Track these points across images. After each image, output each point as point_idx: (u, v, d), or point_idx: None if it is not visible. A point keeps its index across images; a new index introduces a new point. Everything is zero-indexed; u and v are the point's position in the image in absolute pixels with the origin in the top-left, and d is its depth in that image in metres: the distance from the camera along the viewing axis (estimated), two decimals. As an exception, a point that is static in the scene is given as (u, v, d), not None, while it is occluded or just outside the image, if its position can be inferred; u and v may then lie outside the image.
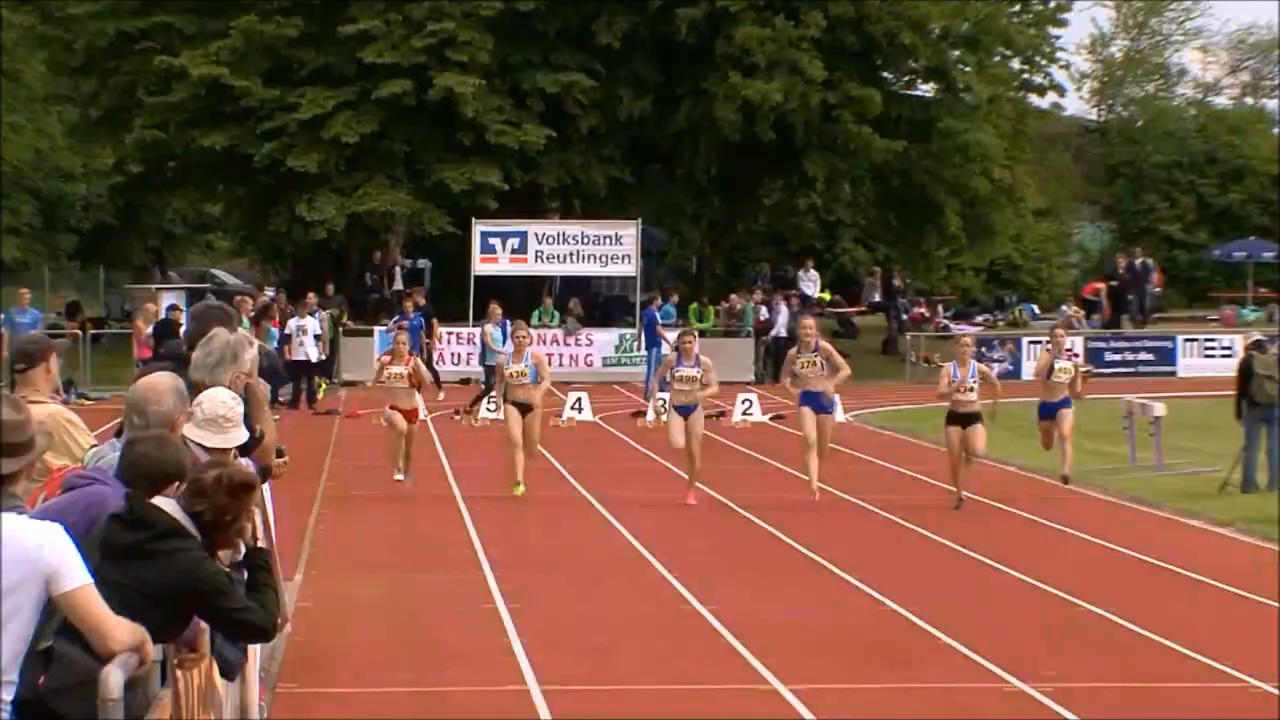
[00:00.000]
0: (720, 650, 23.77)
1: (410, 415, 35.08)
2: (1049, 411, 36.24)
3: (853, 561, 29.52)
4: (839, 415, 35.43)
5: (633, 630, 25.29)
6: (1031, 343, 76.42)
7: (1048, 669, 22.07)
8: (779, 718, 20.28)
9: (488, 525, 33.24)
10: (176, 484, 11.92)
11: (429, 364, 58.84)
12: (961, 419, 33.56)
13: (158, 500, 11.77)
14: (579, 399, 57.22)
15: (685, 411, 33.37)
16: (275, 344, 62.35)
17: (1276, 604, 25.62)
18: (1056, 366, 36.03)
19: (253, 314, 62.35)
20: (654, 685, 21.92)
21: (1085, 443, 33.70)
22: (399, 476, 34.99)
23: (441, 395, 53.45)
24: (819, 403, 33.11)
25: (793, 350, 34.28)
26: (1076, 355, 38.82)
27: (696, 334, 37.96)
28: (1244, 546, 32.13)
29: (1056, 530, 33.59)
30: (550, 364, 61.04)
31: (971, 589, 28.07)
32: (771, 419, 56.41)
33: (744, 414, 57.32)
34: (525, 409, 33.62)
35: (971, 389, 33.30)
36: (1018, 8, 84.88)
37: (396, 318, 66.51)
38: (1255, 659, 22.73)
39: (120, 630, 10.75)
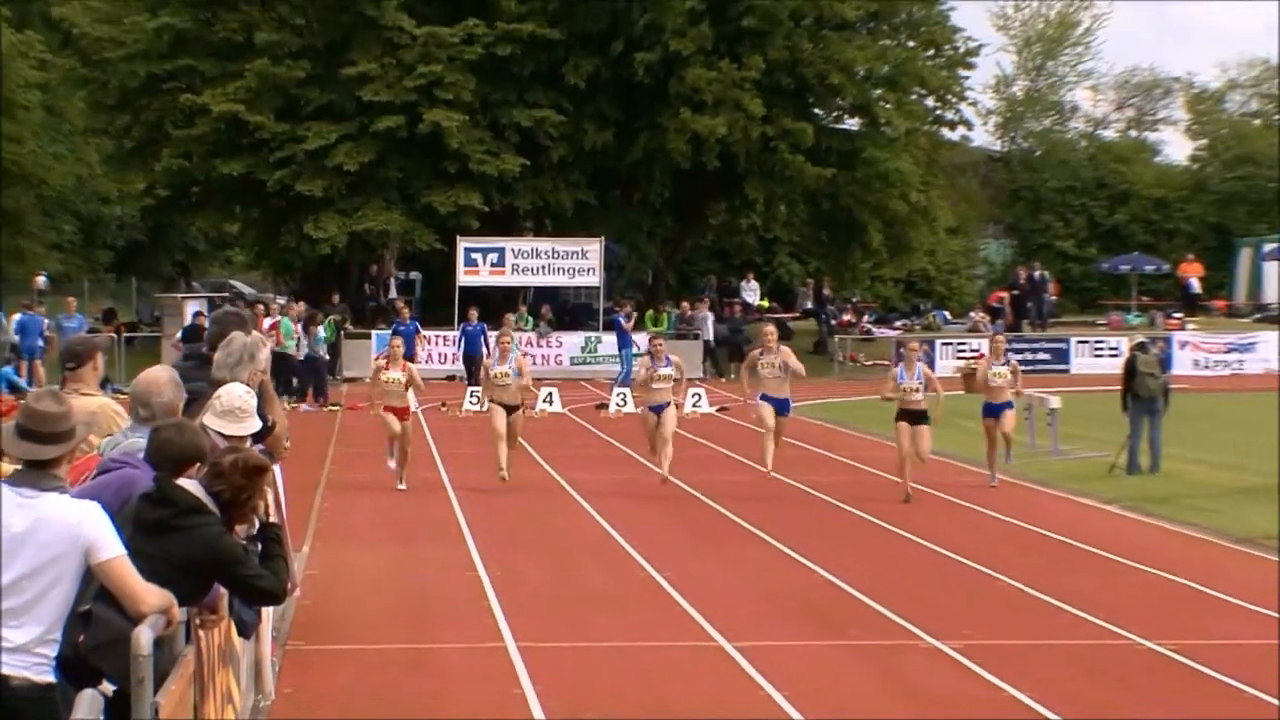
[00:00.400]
0: (674, 612, 23.73)
1: (403, 413, 34.41)
2: (993, 411, 35.83)
3: (790, 536, 29.49)
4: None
5: (598, 595, 25.28)
6: (944, 344, 76.61)
7: (959, 629, 22.05)
8: (724, 670, 20.24)
9: (471, 505, 33.23)
10: (198, 466, 12.05)
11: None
12: (910, 417, 32.89)
13: (182, 481, 11.87)
14: (549, 393, 57.41)
15: (659, 409, 32.85)
16: (321, 343, 63.10)
17: (1163, 573, 25.62)
18: (993, 371, 35.66)
19: (300, 321, 63.34)
20: (616, 642, 21.91)
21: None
22: (401, 486, 34.30)
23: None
24: (777, 403, 32.70)
25: (755, 351, 33.68)
26: (1012, 359, 38.10)
27: (663, 343, 36.99)
28: (1129, 522, 32.15)
29: (969, 509, 33.63)
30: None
31: (893, 560, 28.09)
32: (718, 410, 56.47)
33: (694, 406, 57.39)
34: (510, 408, 33.09)
35: (918, 390, 32.56)
36: (932, 52, 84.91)
37: (395, 324, 66.79)
38: (1140, 619, 22.77)
39: (150, 595, 10.84)
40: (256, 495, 12.49)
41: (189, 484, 11.92)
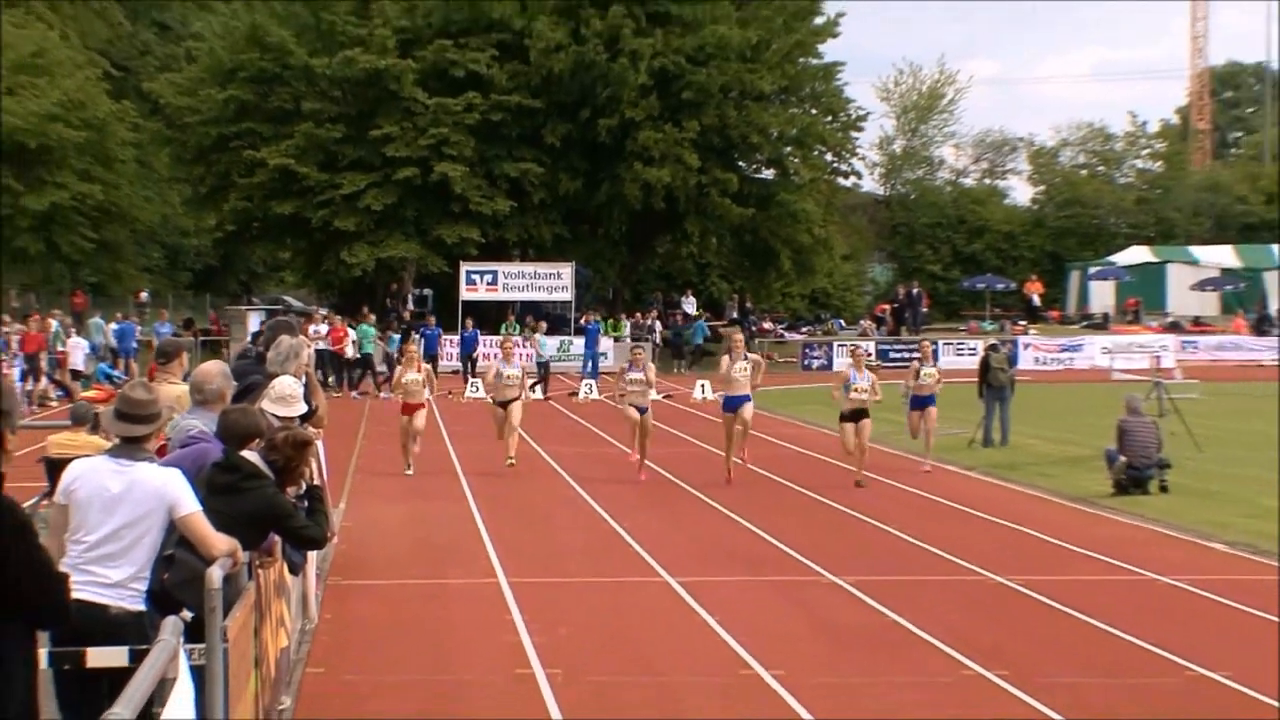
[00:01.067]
0: (629, 555, 23.71)
1: (417, 408, 33.08)
2: (919, 404, 34.88)
3: (725, 498, 29.48)
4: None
5: (570, 542, 25.29)
6: (839, 345, 76.44)
7: (853, 570, 22.01)
8: (669, 599, 20.23)
9: (471, 473, 33.18)
10: (257, 441, 12.39)
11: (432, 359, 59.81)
12: (853, 415, 31.67)
13: (244, 453, 12.21)
14: (534, 384, 57.82)
15: (641, 410, 31.56)
16: (395, 347, 63.03)
17: (1012, 524, 25.60)
18: (923, 372, 34.79)
19: (376, 325, 64.00)
20: (584, 578, 21.90)
21: (877, 413, 33.46)
22: (408, 472, 32.88)
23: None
24: (745, 398, 31.30)
25: (726, 357, 32.18)
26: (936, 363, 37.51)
27: (643, 350, 35.39)
28: (985, 484, 32.16)
29: (865, 476, 33.53)
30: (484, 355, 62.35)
31: (805, 517, 27.98)
32: (664, 398, 56.30)
33: (529, 394, 57.85)
34: (508, 403, 32.24)
35: (866, 390, 31.33)
36: (830, 118, 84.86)
37: (421, 329, 66.87)
38: (994, 560, 22.76)
39: (220, 542, 11.00)
40: (303, 464, 12.90)
41: (250, 455, 12.29)
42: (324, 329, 61.70)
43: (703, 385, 57.03)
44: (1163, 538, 25.32)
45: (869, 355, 36.01)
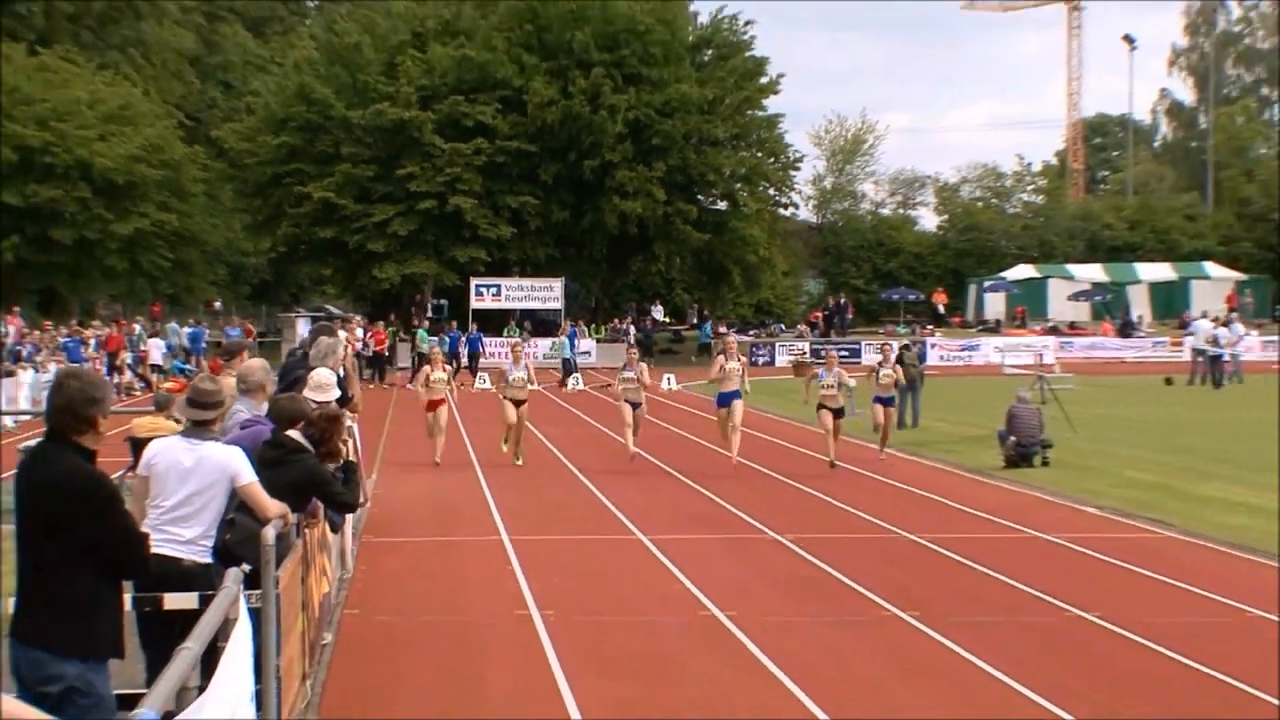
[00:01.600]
0: (611, 519, 23.70)
1: (440, 403, 30.92)
2: (882, 401, 32.95)
3: (694, 472, 29.44)
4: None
5: (562, 507, 25.21)
6: (780, 345, 76.51)
7: (791, 528, 22.03)
8: (641, 553, 20.22)
9: (480, 450, 33.08)
10: (302, 423, 12.75)
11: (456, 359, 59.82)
12: (828, 409, 30.07)
13: (291, 432, 12.54)
14: (564, 378, 59.21)
15: (634, 404, 30.14)
16: (450, 345, 63.20)
17: (921, 491, 25.56)
18: (881, 372, 33.09)
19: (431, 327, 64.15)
20: (573, 536, 21.87)
21: (858, 404, 33.43)
22: (437, 459, 30.63)
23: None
24: (736, 395, 29.61)
25: (720, 358, 30.50)
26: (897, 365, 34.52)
27: (636, 351, 33.92)
28: (899, 460, 32.06)
29: (803, 453, 33.51)
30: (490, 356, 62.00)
31: (756, 487, 27.93)
32: (585, 388, 56.40)
33: (570, 386, 57.73)
34: (520, 403, 30.41)
35: (833, 386, 29.89)
36: (773, 159, 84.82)
37: (446, 332, 66.77)
38: (906, 521, 22.77)
39: (273, 507, 11.02)
40: (336, 435, 13.11)
41: (295, 434, 12.59)
42: (360, 332, 61.76)
43: (669, 378, 56.82)
44: (1045, 503, 25.33)
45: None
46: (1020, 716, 12.41)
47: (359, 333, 60.83)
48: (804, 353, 71.93)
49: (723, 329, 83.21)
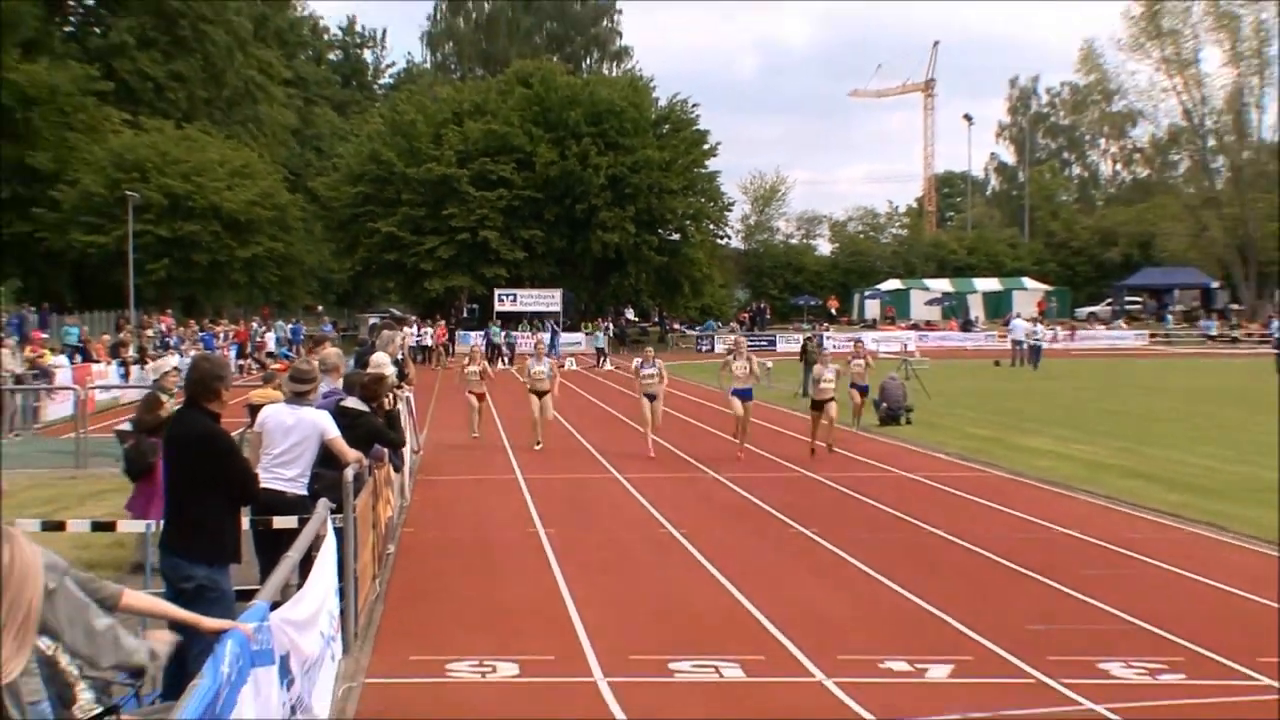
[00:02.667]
0: (595, 461, 23.63)
1: (480, 396, 27.58)
2: (857, 388, 29.55)
3: (659, 430, 29.36)
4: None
5: (560, 454, 25.09)
6: (718, 337, 76.18)
7: (730, 471, 21.98)
8: (617, 486, 20.19)
9: (505, 418, 32.94)
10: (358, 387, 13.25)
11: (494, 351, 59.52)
12: (818, 405, 24.60)
13: (350, 400, 12.91)
14: (600, 360, 59.18)
15: (651, 398, 25.07)
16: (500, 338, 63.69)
17: (817, 441, 25.52)
18: (853, 363, 29.57)
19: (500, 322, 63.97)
20: (568, 475, 21.79)
21: (774, 381, 33.14)
22: (475, 434, 27.11)
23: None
24: (748, 393, 24.35)
25: (729, 356, 25.68)
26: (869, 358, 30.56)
27: (651, 349, 28.54)
28: (801, 420, 31.98)
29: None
30: (519, 348, 61.18)
31: (700, 440, 27.76)
32: (613, 368, 56.00)
33: (602, 365, 57.03)
34: (541, 394, 26.20)
35: (830, 381, 24.72)
36: (712, 203, 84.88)
37: (485, 330, 66.53)
38: (810, 466, 22.74)
39: (350, 453, 11.11)
40: (381, 392, 13.53)
41: (355, 402, 12.89)
42: (414, 329, 61.59)
43: (637, 361, 56.27)
44: (908, 451, 25.33)
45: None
46: (887, 601, 12.46)
47: (413, 329, 60.80)
48: (738, 339, 71.58)
49: (676, 326, 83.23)
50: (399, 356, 18.22)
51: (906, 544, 15.45)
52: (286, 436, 10.80)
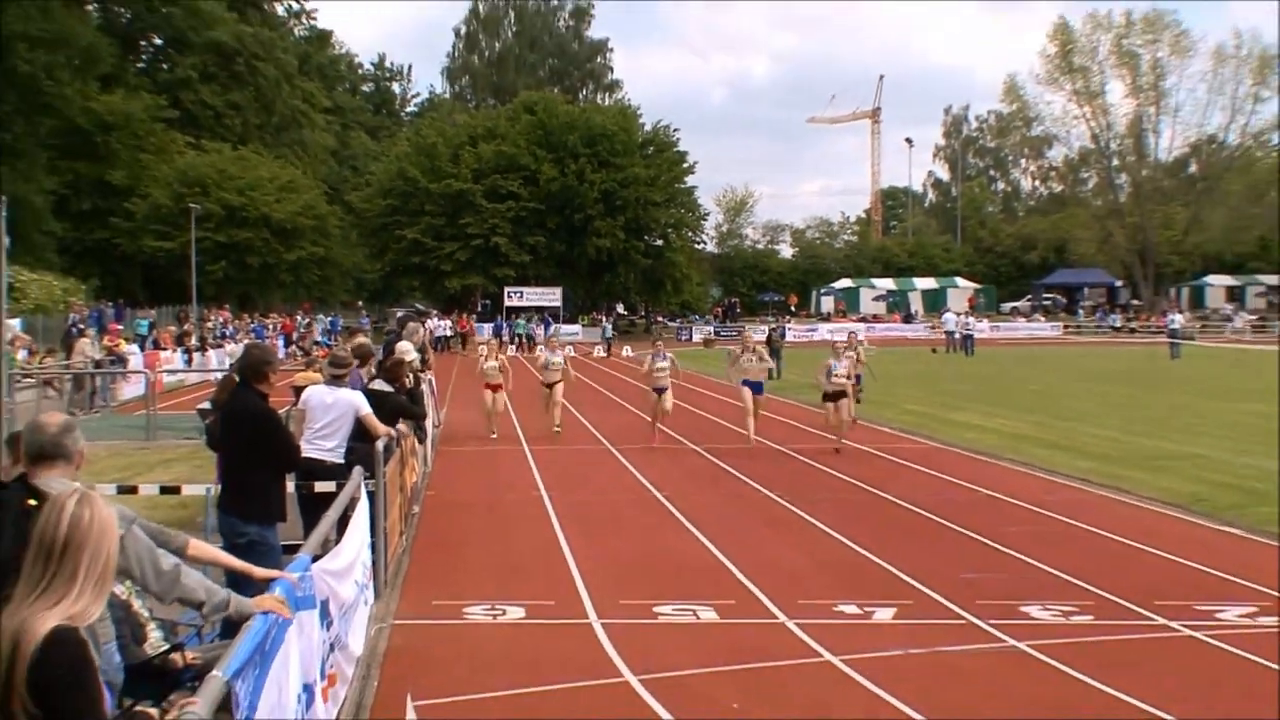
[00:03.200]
0: (590, 435, 23.52)
1: (497, 388, 23.60)
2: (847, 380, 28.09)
3: (647, 408, 29.13)
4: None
5: (563, 429, 25.08)
6: (695, 329, 76.09)
7: (704, 442, 21.92)
8: (609, 457, 20.15)
9: (515, 396, 32.89)
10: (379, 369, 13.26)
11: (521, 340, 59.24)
12: (833, 396, 21.31)
13: (376, 383, 12.73)
14: (608, 344, 58.65)
15: (661, 390, 22.18)
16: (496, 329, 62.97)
17: (780, 418, 25.43)
18: (845, 354, 27.16)
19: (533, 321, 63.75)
20: (566, 446, 21.66)
21: (718, 365, 32.92)
22: (493, 434, 23.34)
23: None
24: (759, 386, 22.17)
25: (737, 349, 22.55)
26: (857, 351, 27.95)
27: (661, 343, 25.07)
28: (771, 399, 31.92)
29: (716, 398, 33.25)
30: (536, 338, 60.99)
31: (681, 419, 27.68)
32: (605, 356, 55.90)
33: (612, 353, 56.82)
34: (553, 385, 23.64)
35: (844, 375, 21.47)
36: (691, 214, 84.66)
37: (496, 323, 66.39)
38: (772, 437, 22.69)
39: (381, 428, 11.03)
40: (401, 373, 13.28)
41: (381, 384, 12.73)
42: (434, 321, 61.42)
43: (626, 349, 56.12)
44: (859, 426, 25.35)
45: (847, 342, 25.74)
46: (840, 554, 12.45)
47: (434, 321, 60.59)
48: (711, 333, 71.66)
49: (660, 319, 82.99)
50: (421, 345, 18.13)
51: (857, 505, 15.46)
52: (326, 413, 10.77)
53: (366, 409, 10.89)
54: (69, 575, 3.81)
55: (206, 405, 15.81)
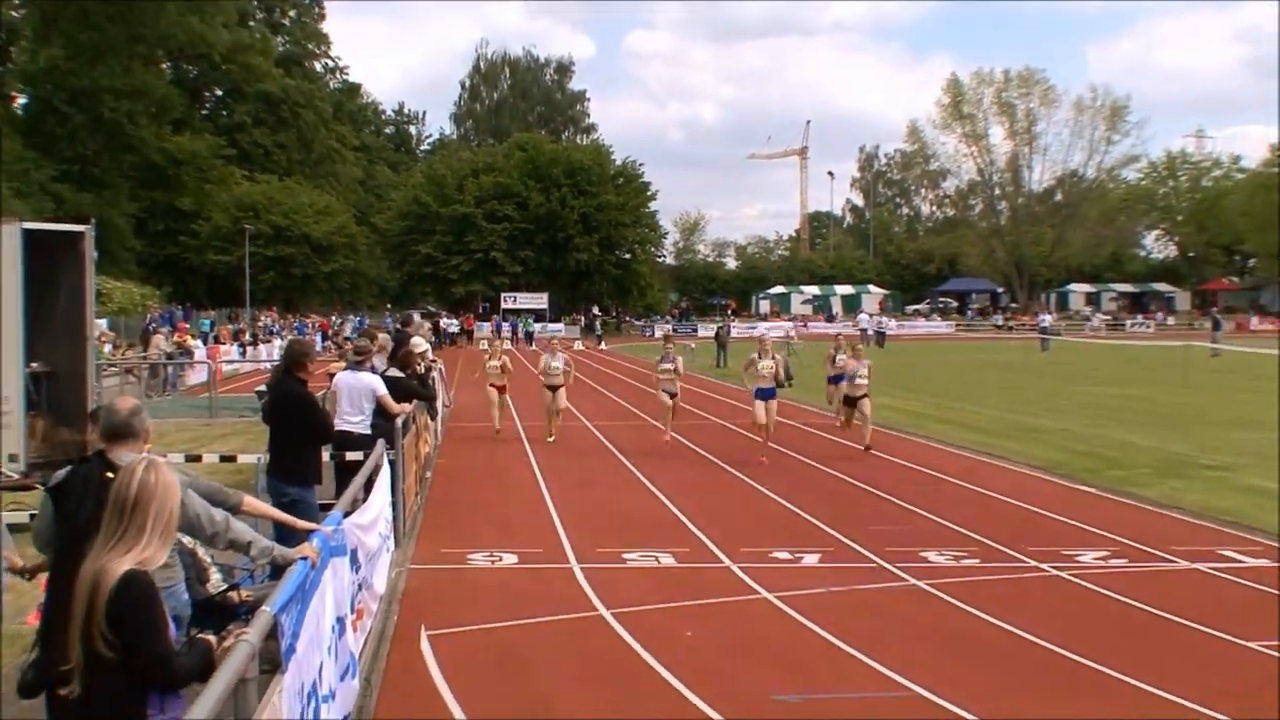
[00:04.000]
0: (586, 431, 23.33)
1: (502, 389, 20.41)
2: (836, 381, 21.17)
3: (638, 402, 29.02)
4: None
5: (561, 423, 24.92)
6: (657, 326, 75.41)
7: (681, 420, 21.82)
8: (598, 443, 20.04)
9: (514, 386, 32.60)
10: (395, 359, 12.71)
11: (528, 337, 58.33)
12: (855, 399, 17.63)
13: (391, 370, 12.10)
14: (600, 340, 57.39)
15: (670, 394, 18.19)
16: (497, 328, 61.95)
17: (733, 401, 25.38)
18: (837, 358, 21.29)
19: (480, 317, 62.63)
20: (564, 423, 21.56)
21: (696, 358, 32.24)
22: (498, 429, 20.02)
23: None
24: (771, 393, 17.51)
25: (754, 355, 17.68)
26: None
27: (671, 345, 19.91)
28: (718, 384, 31.80)
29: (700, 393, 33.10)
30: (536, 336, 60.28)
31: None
32: (592, 350, 55.51)
33: (581, 345, 56.43)
34: (555, 389, 19.60)
35: (865, 379, 17.79)
36: (653, 232, 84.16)
37: (498, 323, 65.78)
38: (731, 417, 22.62)
39: (396, 406, 10.87)
40: (412, 362, 12.91)
41: (395, 371, 12.20)
42: (443, 320, 61.03)
43: (602, 344, 55.71)
44: (788, 406, 25.32)
45: (858, 347, 20.42)
46: (774, 510, 12.48)
47: (444, 320, 60.18)
48: (670, 329, 71.04)
49: (628, 319, 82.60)
50: (432, 339, 17.97)
51: (787, 470, 15.49)
52: (351, 392, 10.69)
53: (383, 390, 10.81)
54: (139, 528, 3.83)
55: (263, 388, 15.79)
